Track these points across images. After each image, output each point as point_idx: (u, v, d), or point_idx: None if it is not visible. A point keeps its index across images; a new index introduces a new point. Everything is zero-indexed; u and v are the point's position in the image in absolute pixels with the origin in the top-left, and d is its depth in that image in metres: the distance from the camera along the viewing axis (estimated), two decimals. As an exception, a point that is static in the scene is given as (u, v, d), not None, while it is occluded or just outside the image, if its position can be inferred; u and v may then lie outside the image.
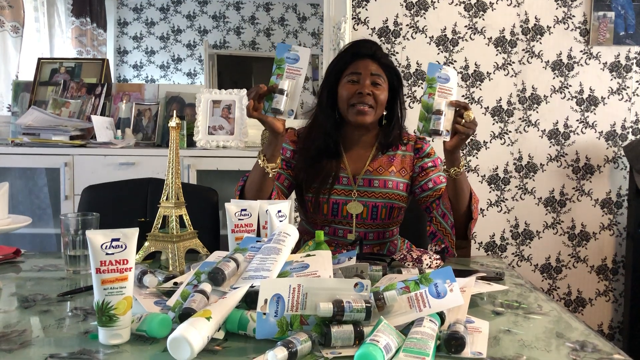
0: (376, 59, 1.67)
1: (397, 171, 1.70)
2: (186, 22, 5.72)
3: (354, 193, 1.66)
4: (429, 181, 1.69)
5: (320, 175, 1.66)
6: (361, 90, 1.62)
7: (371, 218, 1.67)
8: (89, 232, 0.94)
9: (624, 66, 2.93)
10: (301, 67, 1.42)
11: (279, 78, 1.43)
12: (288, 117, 1.44)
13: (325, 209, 1.67)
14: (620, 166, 2.98)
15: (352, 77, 1.65)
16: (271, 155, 1.53)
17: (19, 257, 1.56)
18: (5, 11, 3.42)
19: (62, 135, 2.70)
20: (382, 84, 1.65)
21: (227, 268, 1.06)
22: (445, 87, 1.43)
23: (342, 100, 1.66)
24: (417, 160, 1.73)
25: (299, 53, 1.43)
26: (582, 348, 0.95)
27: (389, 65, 1.69)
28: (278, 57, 1.43)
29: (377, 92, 1.64)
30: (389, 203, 1.67)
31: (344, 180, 1.68)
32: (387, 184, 1.68)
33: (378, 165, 1.70)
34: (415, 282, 0.99)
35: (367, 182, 1.68)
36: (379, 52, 1.68)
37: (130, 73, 5.72)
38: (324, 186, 1.66)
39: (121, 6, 5.69)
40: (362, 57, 1.67)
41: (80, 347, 0.93)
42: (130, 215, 1.79)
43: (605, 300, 3.03)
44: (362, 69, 1.65)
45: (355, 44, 1.72)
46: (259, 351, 0.89)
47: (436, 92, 1.42)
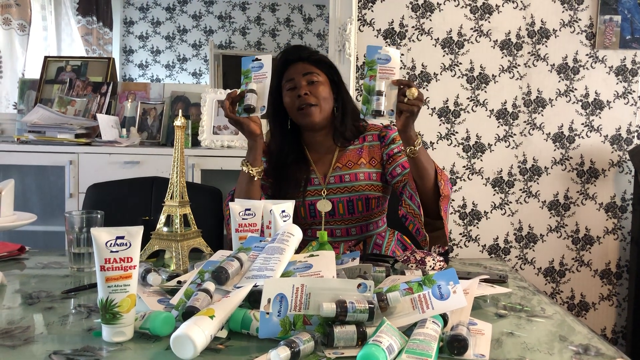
0: (305, 59, 1.70)
1: (367, 162, 1.71)
2: (192, 22, 5.73)
3: (323, 191, 1.68)
4: (396, 167, 1.69)
5: (292, 181, 1.69)
6: (299, 93, 1.65)
7: (349, 213, 1.67)
8: (93, 229, 0.95)
9: (630, 70, 2.92)
10: (266, 72, 1.51)
11: (248, 85, 1.51)
12: (261, 113, 1.50)
13: (303, 212, 1.68)
14: (625, 170, 2.97)
15: (290, 85, 1.69)
16: (254, 160, 1.58)
17: (24, 254, 1.57)
18: (12, 9, 3.43)
19: (68, 134, 2.70)
20: (317, 79, 1.68)
21: (230, 267, 1.07)
22: (387, 67, 1.42)
23: (289, 108, 1.69)
24: (383, 148, 1.73)
25: (262, 60, 1.51)
26: (585, 351, 0.95)
27: (320, 60, 1.71)
28: (244, 69, 1.52)
29: (315, 90, 1.66)
30: (363, 195, 1.67)
31: (315, 181, 1.70)
32: (358, 176, 1.68)
33: (347, 160, 1.71)
34: (418, 284, 0.99)
35: (337, 179, 1.69)
36: (304, 52, 1.71)
37: (136, 72, 5.73)
38: (297, 190, 1.68)
39: (127, 5, 5.71)
40: (291, 63, 1.70)
41: (83, 344, 0.93)
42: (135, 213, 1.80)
43: (609, 305, 3.02)
44: (294, 73, 1.68)
45: (282, 53, 1.75)
46: (261, 350, 0.89)
47: (377, 74, 1.42)
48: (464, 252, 2.95)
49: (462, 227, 2.95)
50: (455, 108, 2.91)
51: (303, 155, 1.73)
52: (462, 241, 2.96)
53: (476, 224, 2.95)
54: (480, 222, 2.95)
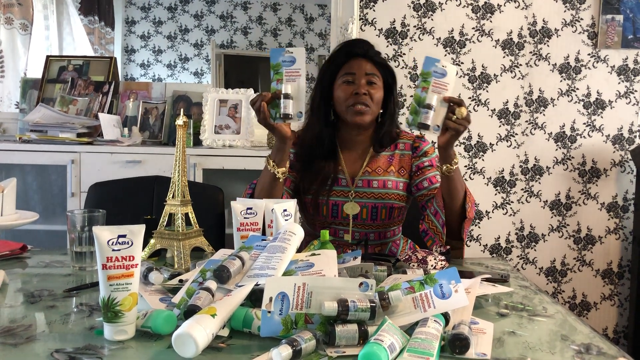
0: (369, 58, 1.66)
1: (396, 171, 1.70)
2: (194, 22, 5.74)
3: (351, 194, 1.66)
4: (424, 180, 1.69)
5: (319, 177, 1.66)
6: (357, 90, 1.61)
7: (371, 219, 1.66)
8: (95, 228, 0.95)
9: (632, 70, 2.92)
10: (299, 68, 1.41)
11: (279, 83, 1.42)
12: (298, 120, 1.44)
13: (325, 211, 1.66)
14: (627, 170, 2.96)
15: (347, 78, 1.64)
16: (280, 160, 1.54)
17: (26, 253, 1.57)
18: (14, 9, 3.44)
19: (70, 133, 2.71)
20: (377, 82, 1.65)
21: (232, 266, 1.07)
22: (441, 82, 1.41)
23: (339, 101, 1.65)
24: (414, 159, 1.72)
25: (294, 54, 1.41)
26: (587, 351, 0.95)
27: (383, 64, 1.69)
28: (274, 63, 1.42)
29: (372, 91, 1.63)
30: (388, 203, 1.66)
31: (343, 181, 1.67)
32: (387, 184, 1.67)
33: (376, 165, 1.69)
34: (420, 283, 0.99)
35: (365, 183, 1.67)
36: (371, 50, 1.67)
37: (138, 72, 5.74)
38: (323, 188, 1.66)
39: (129, 5, 5.71)
40: (355, 57, 1.65)
41: (85, 342, 0.93)
42: (137, 213, 1.80)
43: (611, 305, 3.02)
44: (357, 68, 1.64)
45: (348, 44, 1.71)
46: (263, 349, 0.89)
47: (430, 86, 1.40)
48: (465, 252, 2.94)
49: (463, 226, 2.95)
50: (456, 107, 2.90)
51: (335, 152, 1.70)
52: (463, 241, 2.95)
53: (478, 224, 2.95)
54: (481, 221, 2.95)
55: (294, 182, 1.70)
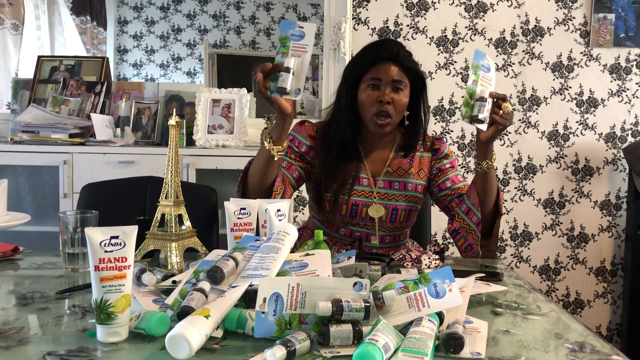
0: (398, 62, 1.59)
1: (416, 173, 1.68)
2: (186, 21, 5.72)
3: (374, 195, 1.64)
4: (446, 180, 1.68)
5: (340, 175, 1.63)
6: (381, 98, 1.56)
7: (390, 221, 1.65)
8: (88, 229, 0.94)
9: (624, 68, 2.93)
10: (307, 44, 1.34)
11: (284, 56, 1.34)
12: (295, 97, 1.36)
13: (344, 210, 1.64)
14: (619, 168, 2.98)
15: (373, 82, 1.59)
16: (278, 138, 1.45)
17: (17, 255, 1.56)
18: (5, 9, 3.42)
19: (62, 133, 2.69)
20: (403, 88, 1.59)
21: (226, 267, 1.06)
22: (487, 76, 1.43)
23: (363, 106, 1.60)
24: (435, 161, 1.70)
25: (305, 29, 1.34)
26: (581, 349, 0.95)
27: (412, 68, 1.62)
28: (282, 35, 1.35)
29: (397, 98, 1.58)
30: (408, 206, 1.65)
31: (364, 181, 1.65)
32: (407, 186, 1.66)
33: (397, 166, 1.67)
34: (414, 282, 0.99)
35: (387, 184, 1.65)
36: (401, 53, 1.60)
37: (130, 72, 5.71)
38: (344, 187, 1.62)
39: (121, 5, 5.69)
40: (383, 61, 1.59)
41: (78, 344, 0.92)
42: (129, 213, 1.79)
43: (604, 302, 3.03)
44: (383, 74, 1.58)
45: (377, 46, 1.63)
46: (257, 350, 0.89)
47: (479, 80, 1.41)
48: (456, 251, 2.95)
49: (457, 225, 2.95)
50: (450, 106, 2.91)
51: (357, 151, 1.66)
52: (457, 239, 2.96)
53: (471, 223, 2.95)
54: (475, 220, 2.95)
55: (299, 172, 1.66)
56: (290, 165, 1.65)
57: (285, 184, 1.59)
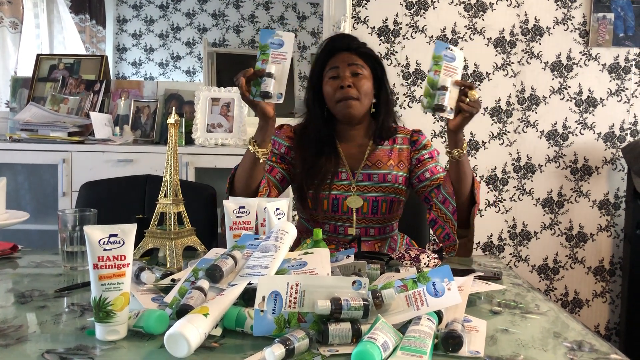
0: (352, 50, 1.66)
1: (396, 164, 1.70)
2: (185, 20, 5.71)
3: (353, 187, 1.66)
4: (426, 171, 1.69)
5: (319, 172, 1.65)
6: (342, 83, 1.62)
7: (372, 213, 1.66)
8: (86, 227, 0.94)
9: (623, 68, 2.94)
10: (286, 52, 1.41)
11: (264, 63, 1.41)
12: (277, 101, 1.42)
13: (326, 205, 1.66)
14: (618, 167, 2.98)
15: (332, 73, 1.65)
16: (262, 141, 1.52)
17: (16, 253, 1.56)
18: (3, 7, 3.41)
19: (61, 132, 2.69)
20: (362, 72, 1.64)
21: (225, 265, 1.06)
22: (451, 65, 1.43)
23: (328, 98, 1.66)
24: (414, 152, 1.72)
25: (283, 38, 1.41)
26: (580, 348, 0.95)
27: (367, 53, 1.68)
28: (262, 43, 1.42)
29: (358, 83, 1.63)
30: (389, 197, 1.66)
31: (343, 175, 1.67)
32: (387, 177, 1.67)
33: (376, 159, 1.69)
34: (413, 281, 0.99)
35: (366, 177, 1.67)
36: (354, 42, 1.68)
37: (129, 70, 5.71)
38: (324, 182, 1.65)
39: (120, 3, 5.68)
40: (338, 51, 1.66)
41: (76, 342, 0.92)
42: (128, 212, 1.79)
43: (602, 302, 3.04)
44: (340, 62, 1.65)
45: (330, 40, 1.71)
46: (256, 348, 0.89)
47: (442, 70, 1.42)
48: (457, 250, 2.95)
49: (456, 224, 2.95)
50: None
51: (334, 146, 1.70)
52: (456, 239, 2.96)
53: (470, 222, 2.95)
54: (474, 219, 2.95)
55: (282, 173, 1.69)
56: (272, 169, 1.68)
57: (270, 186, 1.63)
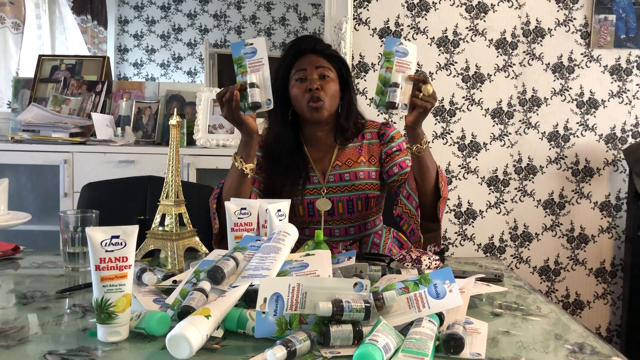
0: (318, 52, 1.65)
1: (367, 160, 1.69)
2: (187, 21, 5.72)
3: (323, 190, 1.65)
4: (394, 166, 1.68)
5: (290, 178, 1.65)
6: (310, 86, 1.60)
7: (348, 212, 1.65)
8: (88, 229, 0.94)
9: (625, 69, 2.93)
10: (261, 57, 1.41)
11: (244, 76, 1.41)
12: (268, 107, 1.42)
13: (301, 211, 1.65)
14: (619, 169, 2.98)
15: (299, 75, 1.63)
16: (247, 156, 1.52)
17: (18, 254, 1.56)
18: (6, 8, 3.42)
19: (62, 133, 2.69)
20: (329, 74, 1.64)
21: (226, 266, 1.06)
22: (404, 61, 1.41)
23: (296, 100, 1.64)
24: (382, 146, 1.71)
25: (255, 45, 1.40)
26: (581, 350, 0.95)
27: (333, 55, 1.67)
28: (236, 57, 1.41)
29: (326, 85, 1.62)
30: (363, 194, 1.65)
31: (315, 179, 1.66)
32: (359, 175, 1.66)
33: (346, 158, 1.69)
34: (414, 283, 0.99)
35: (337, 177, 1.66)
36: (319, 45, 1.67)
37: (131, 71, 5.72)
38: (296, 188, 1.65)
39: (122, 4, 5.69)
40: (304, 54, 1.65)
41: (78, 344, 0.93)
42: (130, 213, 1.80)
43: (604, 303, 3.04)
44: (307, 64, 1.63)
45: (295, 42, 1.70)
46: (257, 350, 0.89)
47: (394, 66, 1.40)
48: (459, 251, 2.95)
49: (457, 226, 2.95)
50: (450, 107, 2.91)
51: (301, 151, 1.69)
52: (457, 240, 2.96)
53: (471, 223, 2.95)
54: (475, 221, 2.95)
55: (263, 183, 1.69)
56: (254, 180, 1.67)
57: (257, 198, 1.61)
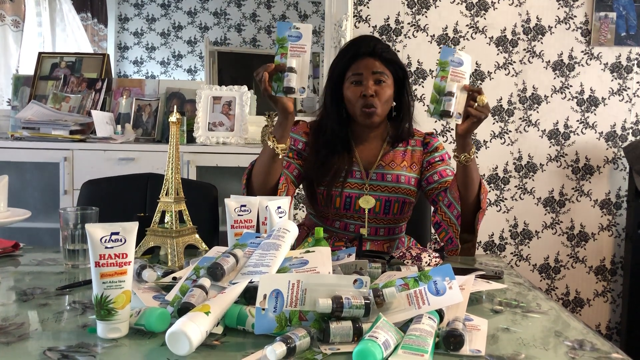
0: (377, 55, 1.64)
1: (409, 166, 1.70)
2: (187, 19, 5.71)
3: (366, 187, 1.66)
4: (434, 173, 1.69)
5: (333, 169, 1.65)
6: (365, 92, 1.60)
7: (384, 212, 1.66)
8: (88, 225, 0.94)
9: (625, 67, 2.93)
10: (305, 44, 1.39)
11: (284, 57, 1.39)
12: (301, 95, 1.41)
13: (338, 202, 1.66)
14: (620, 167, 2.98)
15: (355, 78, 1.63)
16: (281, 136, 1.50)
17: (18, 251, 1.56)
18: (5, 5, 3.41)
19: (62, 130, 2.69)
20: (385, 80, 1.63)
21: (226, 263, 1.06)
22: (458, 70, 1.43)
23: (349, 102, 1.65)
24: (425, 155, 1.72)
25: (301, 30, 1.39)
26: (581, 347, 0.95)
27: (391, 59, 1.66)
28: (280, 37, 1.39)
29: (381, 90, 1.62)
30: (401, 198, 1.67)
31: (357, 174, 1.67)
32: (400, 178, 1.67)
33: (390, 159, 1.70)
34: (414, 280, 0.99)
35: (379, 176, 1.67)
36: (378, 47, 1.65)
37: (131, 69, 5.71)
38: (337, 179, 1.65)
39: (122, 2, 5.68)
40: (362, 56, 1.64)
41: (78, 340, 0.93)
42: (130, 210, 1.79)
43: (604, 301, 3.04)
44: (363, 68, 1.63)
45: (355, 43, 1.69)
46: (257, 346, 0.89)
47: (449, 75, 1.42)
48: (459, 249, 2.95)
49: (457, 223, 2.95)
50: (450, 105, 2.91)
51: (349, 145, 1.69)
52: (457, 238, 2.96)
53: (471, 221, 2.95)
54: (475, 218, 2.95)
55: (298, 169, 1.69)
56: (289, 164, 1.68)
57: (288, 182, 1.62)
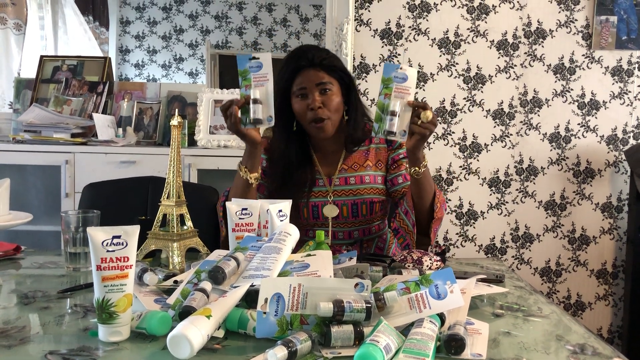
0: (317, 65, 1.60)
1: (373, 165, 1.69)
2: (188, 22, 5.73)
3: (329, 195, 1.66)
4: (399, 176, 1.69)
5: (296, 183, 1.65)
6: (312, 105, 1.57)
7: (352, 216, 1.66)
8: (90, 228, 0.94)
9: (626, 70, 2.93)
10: (266, 73, 1.43)
11: (248, 89, 1.43)
12: (269, 124, 1.45)
13: (305, 213, 1.66)
14: (621, 170, 2.98)
15: (300, 92, 1.60)
16: (252, 166, 1.54)
17: (19, 254, 1.56)
18: (7, 8, 3.42)
19: (64, 133, 2.70)
20: (331, 88, 1.60)
21: (227, 267, 1.06)
22: (402, 86, 1.40)
23: (299, 116, 1.62)
24: (390, 151, 1.71)
25: (261, 60, 1.43)
26: (582, 351, 0.95)
27: (333, 66, 1.62)
28: (241, 69, 1.43)
29: (327, 100, 1.59)
30: (367, 198, 1.66)
31: (320, 182, 1.67)
32: (364, 179, 1.67)
33: (352, 162, 1.69)
34: (415, 283, 0.99)
35: (343, 181, 1.67)
36: (317, 56, 1.60)
37: (132, 72, 5.72)
38: (302, 191, 1.65)
39: (124, 5, 5.70)
40: (303, 69, 1.60)
41: (79, 344, 0.93)
42: (131, 213, 1.79)
43: (605, 305, 3.03)
44: (306, 82, 1.59)
45: (293, 58, 1.63)
46: (258, 350, 0.89)
47: (392, 92, 1.40)
48: (460, 252, 2.95)
49: (458, 227, 2.95)
50: (451, 108, 2.91)
51: (308, 155, 1.69)
52: (458, 241, 2.96)
53: (473, 224, 2.95)
54: (476, 222, 2.95)
55: (268, 188, 1.69)
56: (259, 186, 1.67)
57: None
